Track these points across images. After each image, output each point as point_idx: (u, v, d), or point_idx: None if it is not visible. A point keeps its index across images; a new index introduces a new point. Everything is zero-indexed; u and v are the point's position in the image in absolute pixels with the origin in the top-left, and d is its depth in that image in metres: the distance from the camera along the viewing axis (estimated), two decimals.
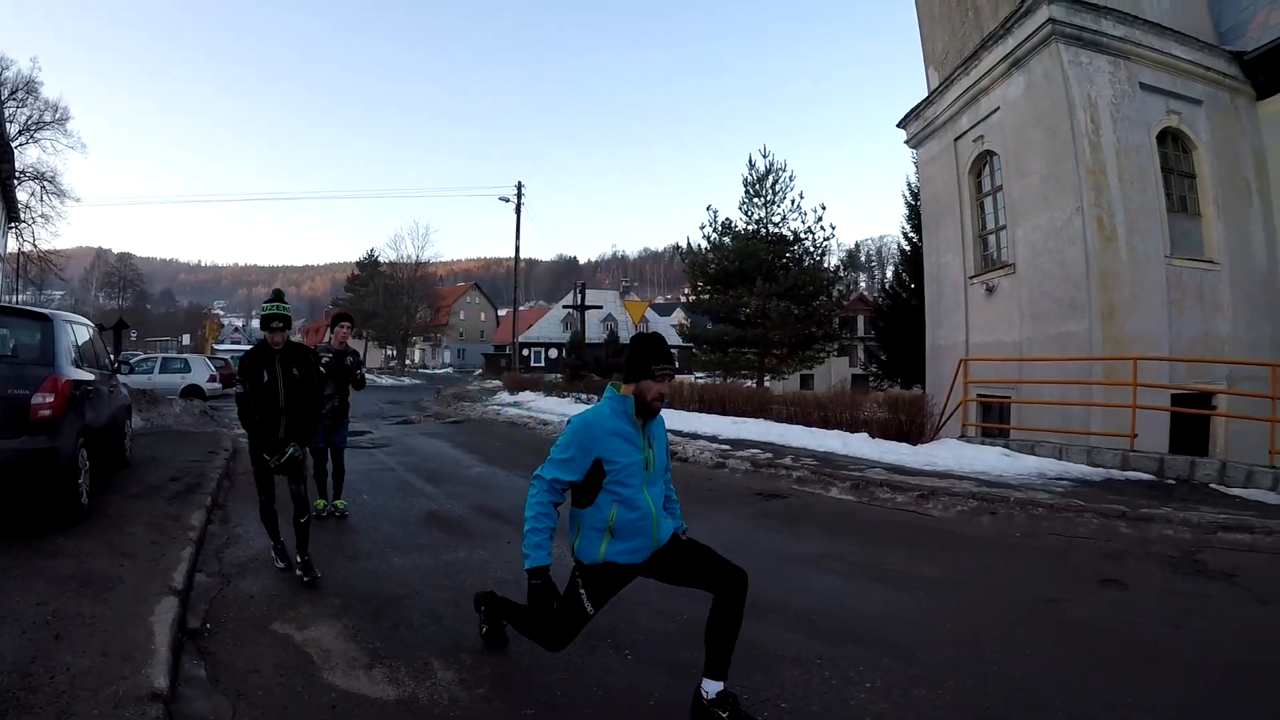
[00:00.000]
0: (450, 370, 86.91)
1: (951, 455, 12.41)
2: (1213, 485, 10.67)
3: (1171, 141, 17.17)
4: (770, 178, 33.20)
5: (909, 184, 32.47)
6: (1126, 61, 16.39)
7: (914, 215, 31.89)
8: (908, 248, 34.51)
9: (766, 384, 30.92)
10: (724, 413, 18.16)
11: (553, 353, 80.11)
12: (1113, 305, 15.12)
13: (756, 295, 30.43)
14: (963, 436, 14.61)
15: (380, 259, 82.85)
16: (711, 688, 3.70)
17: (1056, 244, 15.91)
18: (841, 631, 5.18)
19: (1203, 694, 4.39)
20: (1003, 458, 12.25)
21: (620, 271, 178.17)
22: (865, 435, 14.01)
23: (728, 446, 13.62)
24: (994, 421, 16.79)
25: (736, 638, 3.72)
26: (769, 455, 12.53)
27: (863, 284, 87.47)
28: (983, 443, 13.80)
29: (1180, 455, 11.94)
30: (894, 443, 13.57)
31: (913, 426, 14.59)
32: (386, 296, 77.33)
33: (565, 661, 4.41)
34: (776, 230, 33.00)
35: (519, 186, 46.41)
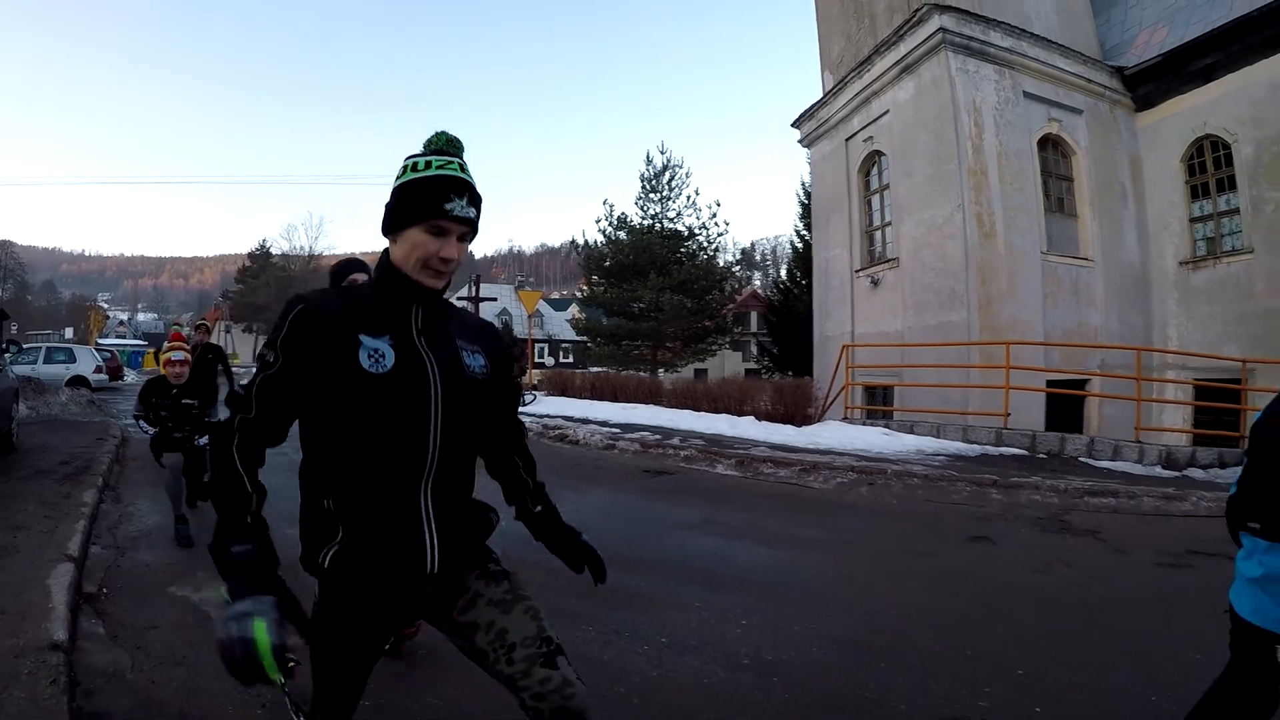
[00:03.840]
0: None
1: (834, 435, 12.86)
2: (1082, 459, 11.60)
3: (1052, 147, 18.13)
4: (667, 174, 33.68)
5: (803, 184, 33.15)
6: (1012, 71, 17.25)
7: (806, 213, 32.63)
8: (800, 245, 35.14)
9: (661, 375, 31.26)
10: (615, 400, 18.43)
11: None
12: (990, 296, 15.94)
13: (650, 289, 30.84)
14: (846, 418, 15.22)
15: (273, 250, 79.39)
16: None
17: (938, 239, 16.66)
18: (721, 582, 5.44)
19: (1056, 623, 4.86)
20: (883, 436, 12.82)
21: (517, 267, 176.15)
22: (752, 419, 14.38)
23: (618, 430, 13.77)
24: (878, 405, 17.59)
25: None
26: (658, 437, 12.75)
27: (757, 282, 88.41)
28: (865, 424, 14.43)
29: (1052, 432, 12.88)
30: (780, 425, 13.97)
31: (798, 410, 15.19)
32: (278, 289, 72.47)
33: None
34: (672, 226, 33.50)
35: None
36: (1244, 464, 2.70)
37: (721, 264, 35.59)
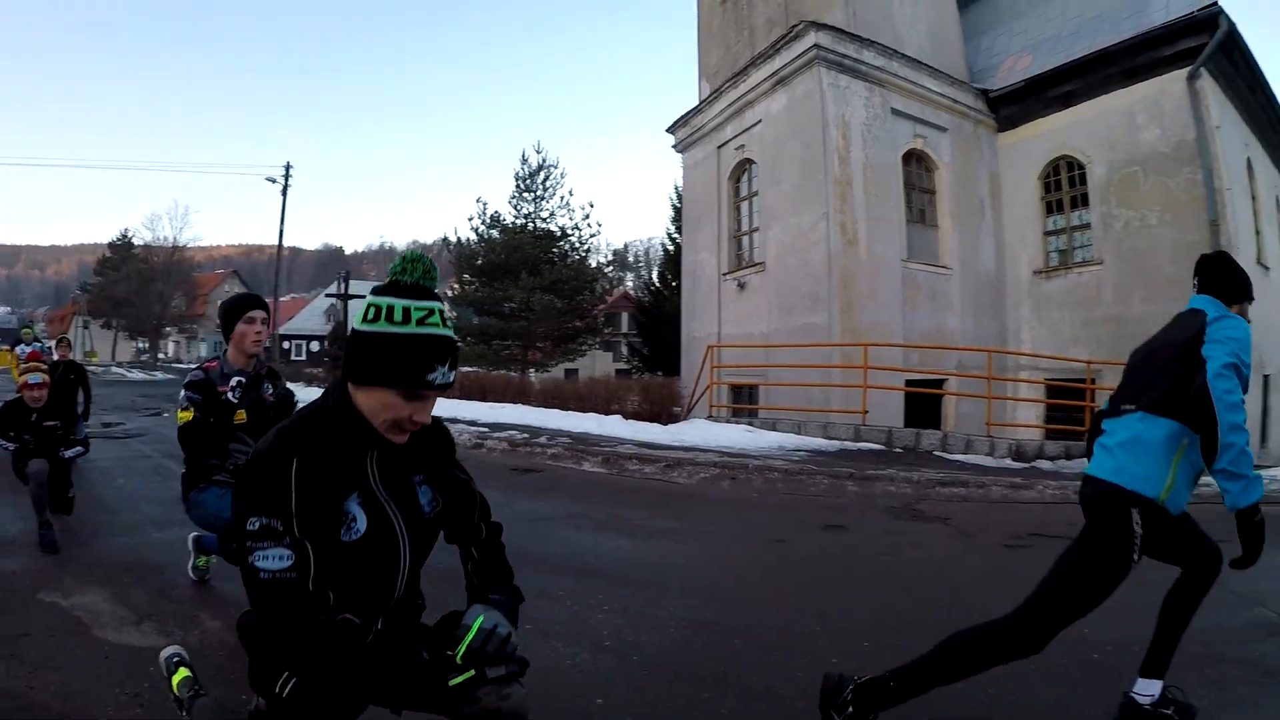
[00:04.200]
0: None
1: (699, 433, 13.18)
2: (936, 452, 12.33)
3: (916, 161, 19.04)
4: (542, 174, 33.75)
5: (676, 188, 33.54)
6: (882, 89, 17.99)
7: (678, 217, 32.98)
8: (671, 248, 35.42)
9: (532, 377, 31.22)
10: (484, 399, 18.39)
11: (314, 345, 75.91)
12: (851, 300, 16.55)
13: (522, 289, 30.75)
14: (710, 417, 15.61)
15: (135, 240, 73.99)
16: None
17: (804, 245, 17.19)
18: (584, 571, 5.59)
19: (901, 600, 5.20)
20: (746, 433, 13.21)
21: (387, 263, 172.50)
22: (619, 417, 14.58)
23: (486, 429, 13.74)
24: (744, 404, 17.99)
25: None
26: (526, 436, 12.79)
27: (630, 283, 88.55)
28: (729, 421, 14.86)
29: (908, 428, 13.67)
30: (647, 424, 14.21)
31: (664, 409, 15.56)
32: (140, 283, 68.66)
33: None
34: (544, 226, 33.52)
35: (287, 168, 42.06)
36: (1116, 390, 3.43)
37: (593, 265, 35.68)
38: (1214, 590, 5.38)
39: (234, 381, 4.41)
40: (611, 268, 36.34)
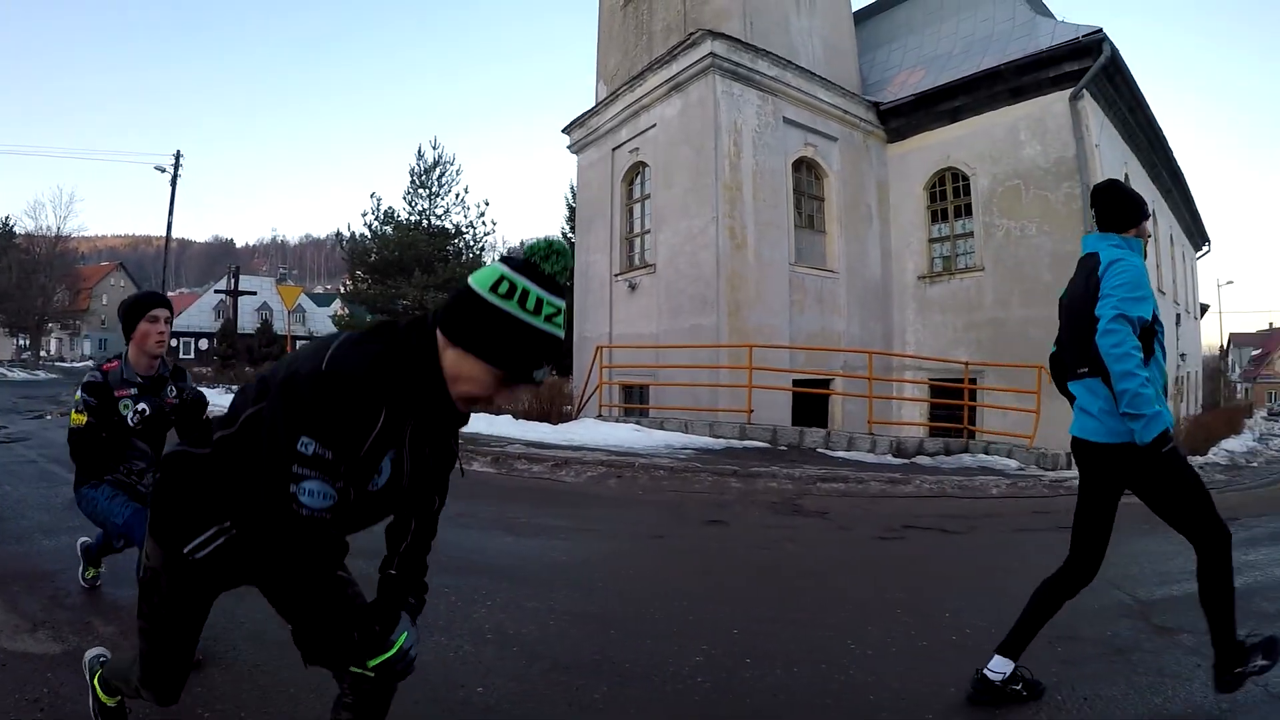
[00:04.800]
0: (91, 363, 76.13)
1: (588, 432, 13.23)
2: (820, 450, 12.69)
3: (806, 168, 19.48)
4: (438, 170, 33.46)
5: (571, 187, 33.52)
6: (775, 98, 18.34)
7: (573, 217, 33.09)
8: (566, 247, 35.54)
9: None
10: None
11: (203, 343, 72.78)
12: (739, 302, 16.81)
13: (415, 287, 30.41)
14: (600, 416, 15.68)
15: (16, 229, 70.66)
16: None
17: (693, 248, 17.41)
18: (470, 569, 5.57)
19: (774, 590, 5.37)
20: (634, 432, 13.29)
21: (280, 257, 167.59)
22: (510, 417, 14.49)
23: None
24: (635, 403, 18.25)
25: None
26: None
27: None
28: (619, 421, 14.97)
29: (792, 426, 14.07)
30: (537, 423, 14.14)
31: (554, 408, 15.50)
32: (21, 274, 62.08)
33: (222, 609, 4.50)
34: (439, 223, 33.18)
35: (177, 156, 39.99)
36: (1059, 331, 3.80)
37: (488, 263, 35.62)
38: (1110, 589, 5.66)
39: (131, 392, 4.10)
40: None
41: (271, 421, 1.80)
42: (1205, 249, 36.39)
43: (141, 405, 4.08)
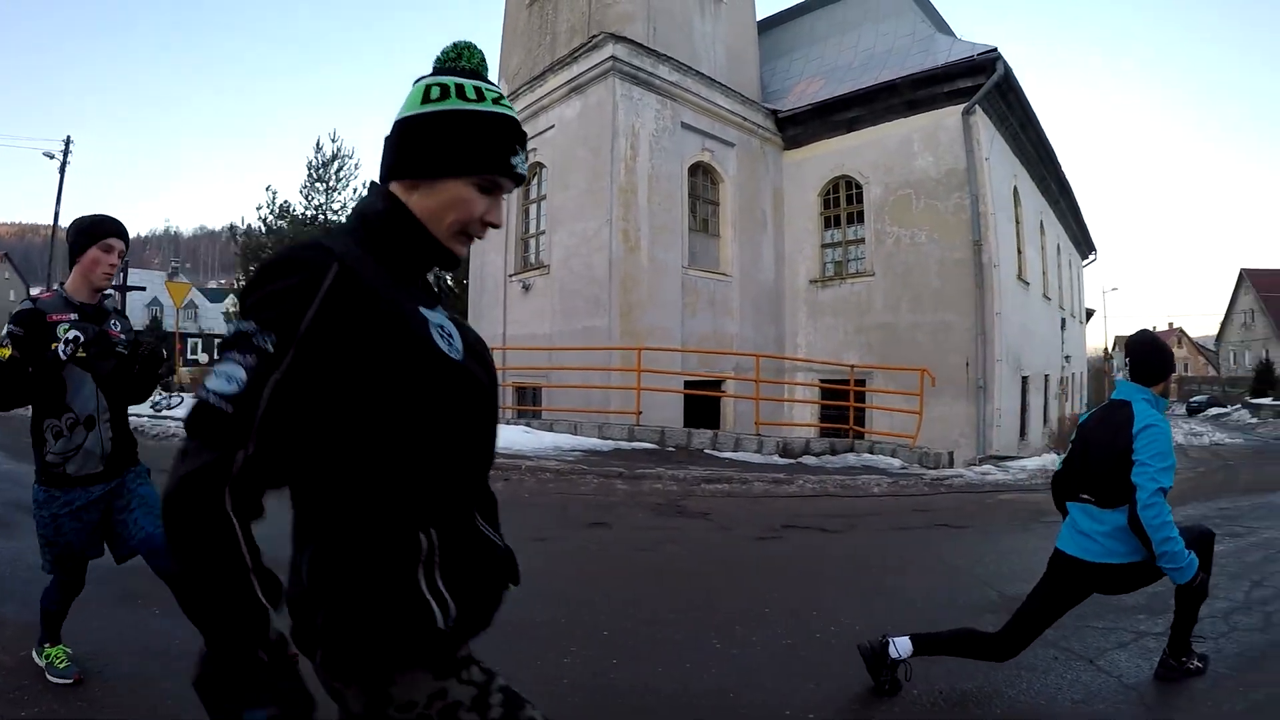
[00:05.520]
0: None
1: None
2: (707, 450, 12.90)
3: (702, 173, 19.64)
4: (336, 164, 32.82)
5: None
6: (674, 102, 18.43)
7: None
8: None
9: None
10: None
11: None
12: (631, 304, 16.86)
13: None
14: None
15: None
16: None
17: (587, 250, 17.41)
18: None
19: (648, 590, 5.48)
20: (524, 434, 13.23)
21: (173, 250, 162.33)
22: None
23: None
24: (529, 405, 18.25)
25: None
26: None
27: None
28: (510, 423, 14.88)
29: (680, 428, 14.24)
30: None
31: None
32: None
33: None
34: (335, 218, 32.42)
35: (67, 142, 38.58)
36: (1069, 449, 4.17)
37: None
38: (952, 573, 5.83)
39: (70, 316, 3.46)
40: None
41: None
42: (1092, 257, 37.99)
43: (73, 333, 3.44)
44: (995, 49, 17.46)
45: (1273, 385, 59.04)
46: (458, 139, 1.51)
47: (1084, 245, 36.40)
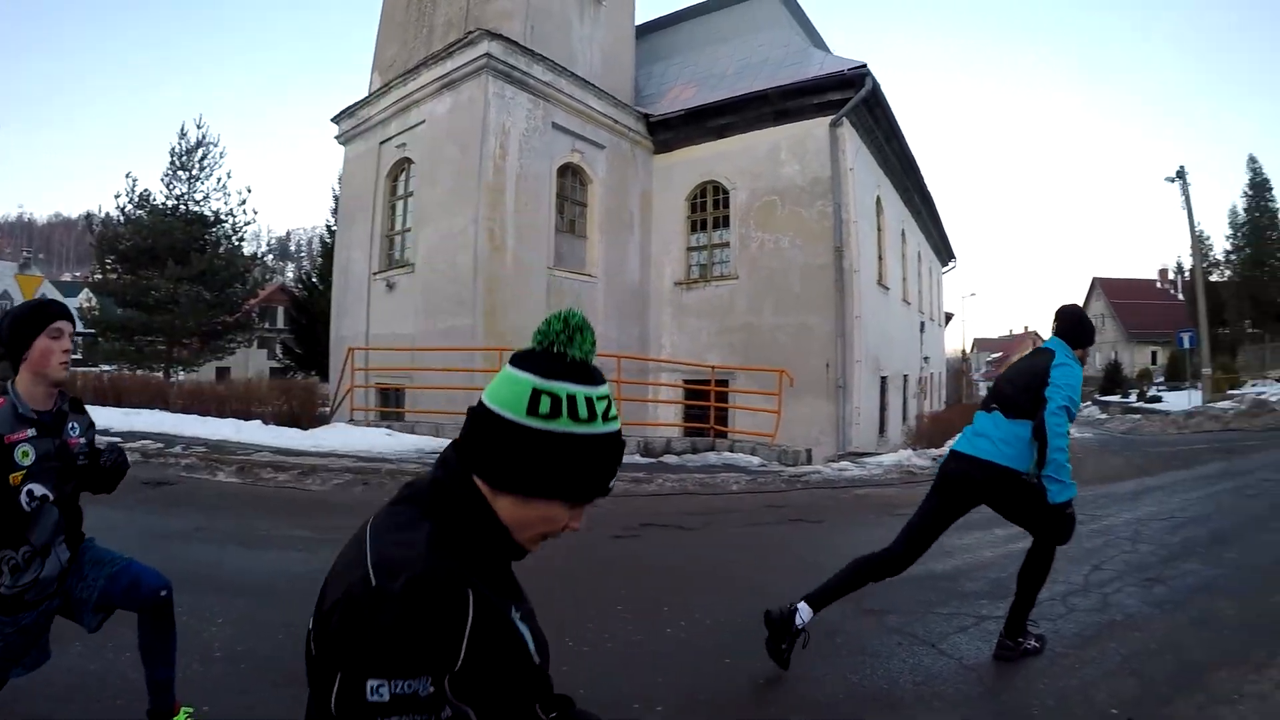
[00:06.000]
0: None
1: (339, 437, 13.01)
2: None
3: (572, 174, 19.78)
4: (200, 151, 31.46)
5: (340, 179, 32.41)
6: (546, 103, 18.47)
7: (339, 209, 31.94)
8: (329, 241, 33.68)
9: (180, 376, 28.86)
10: (119, 404, 17.08)
11: None
12: (495, 305, 16.83)
13: (168, 278, 28.43)
14: (351, 420, 15.50)
15: None
16: None
17: (452, 249, 17.30)
18: (202, 585, 5.39)
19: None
20: (386, 437, 13.24)
21: (25, 239, 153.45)
22: (259, 422, 14.04)
23: (119, 439, 12.73)
24: (392, 407, 18.01)
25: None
26: (160, 445, 11.95)
27: (290, 275, 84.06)
28: (370, 425, 14.86)
29: None
30: (286, 428, 13.80)
31: (306, 413, 15.08)
32: None
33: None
34: (198, 209, 31.25)
35: None
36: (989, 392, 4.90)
37: (247, 254, 33.86)
38: (803, 566, 6.06)
39: (28, 433, 2.90)
40: (270, 256, 34.26)
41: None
42: (952, 264, 39.65)
43: (39, 490, 2.92)
44: (865, 65, 18.11)
45: (1120, 384, 62.67)
46: (566, 468, 1.39)
47: (944, 253, 38.21)
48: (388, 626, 1.22)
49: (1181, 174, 35.23)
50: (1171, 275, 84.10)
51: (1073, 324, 4.71)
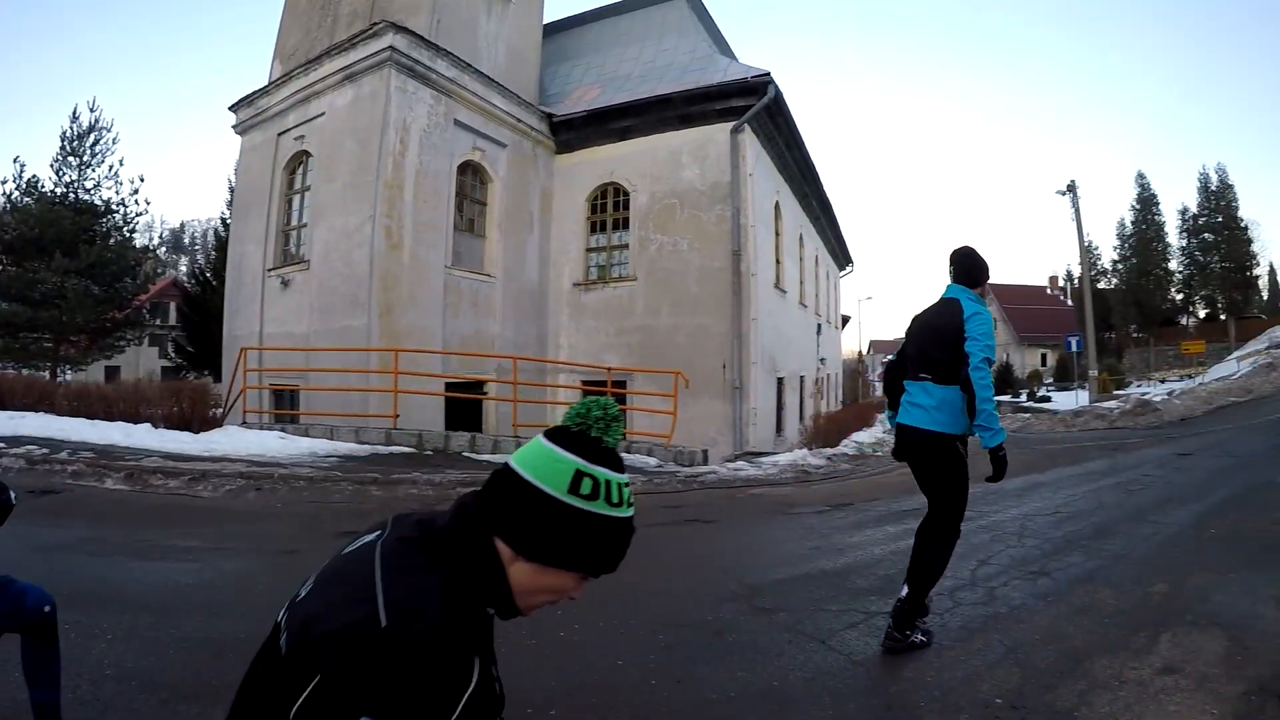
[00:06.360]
0: None
1: (230, 441, 12.75)
2: (466, 453, 13.14)
3: (472, 172, 19.64)
4: (92, 136, 30.20)
5: (236, 170, 31.31)
6: (449, 99, 18.30)
7: (234, 202, 30.84)
8: (225, 234, 32.19)
9: (67, 376, 27.97)
10: (2, 407, 16.33)
11: None
12: (391, 304, 16.57)
13: (55, 272, 27.10)
14: (244, 423, 15.13)
15: None
16: None
17: (348, 246, 16.98)
18: (90, 601, 5.29)
19: None
20: (279, 440, 13.02)
21: None
22: (149, 426, 13.63)
23: (1, 445, 12.29)
24: (286, 408, 17.56)
25: None
26: (46, 451, 11.39)
27: (184, 268, 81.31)
28: (263, 428, 14.54)
29: (438, 431, 14.40)
30: (177, 432, 13.44)
31: (198, 415, 14.70)
32: None
33: None
34: (88, 198, 30.03)
35: None
36: (901, 346, 5.33)
37: (139, 246, 32.69)
38: (696, 565, 6.20)
39: None
40: (163, 249, 32.95)
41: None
42: (849, 269, 40.60)
43: None
44: (768, 74, 18.48)
45: (1011, 385, 65.45)
46: (593, 545, 1.53)
47: (842, 257, 39.19)
48: (394, 672, 1.28)
49: (1072, 187, 37.51)
50: (1061, 282, 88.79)
51: (970, 264, 5.09)
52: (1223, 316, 60.28)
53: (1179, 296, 66.60)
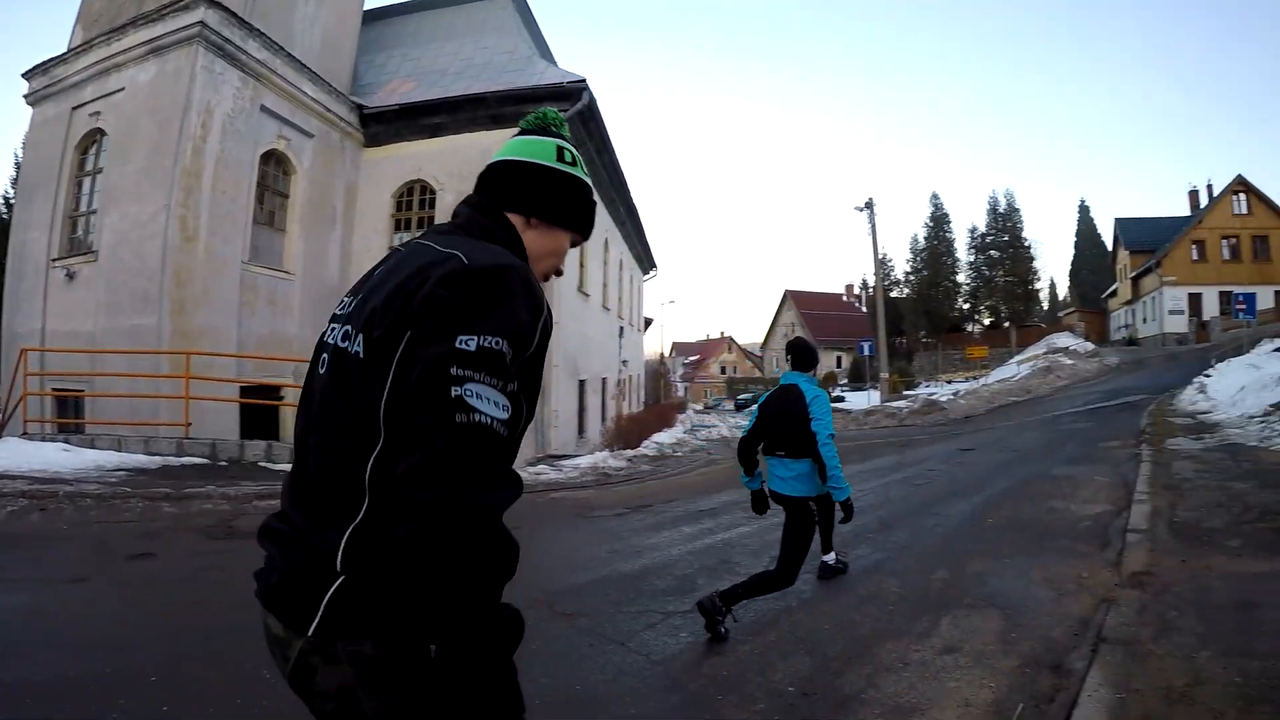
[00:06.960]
0: None
1: (11, 454, 11.63)
2: (261, 463, 12.78)
3: (275, 162, 18.94)
4: None
5: (24, 144, 29.14)
6: (258, 83, 17.57)
7: (19, 181, 28.62)
8: (7, 217, 30.18)
9: None
10: None
11: None
12: (184, 301, 15.78)
13: None
14: (25, 434, 14.18)
15: None
16: None
17: (140, 237, 15.96)
18: None
19: (190, 621, 5.42)
20: (63, 453, 12.19)
21: None
22: None
23: None
24: (71, 417, 16.18)
25: None
26: None
27: None
28: (45, 439, 13.59)
29: (232, 440, 13.87)
30: None
31: None
32: None
33: None
34: None
35: None
36: (756, 421, 5.97)
37: None
38: (515, 587, 6.45)
39: None
40: None
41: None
42: (653, 273, 41.51)
43: None
44: (584, 80, 18.97)
45: None
46: (579, 204, 1.90)
47: (646, 262, 40.10)
48: (484, 293, 1.49)
49: (870, 204, 40.34)
50: (857, 290, 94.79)
51: (806, 353, 6.04)
52: (1006, 324, 65.95)
53: (966, 306, 72.67)
